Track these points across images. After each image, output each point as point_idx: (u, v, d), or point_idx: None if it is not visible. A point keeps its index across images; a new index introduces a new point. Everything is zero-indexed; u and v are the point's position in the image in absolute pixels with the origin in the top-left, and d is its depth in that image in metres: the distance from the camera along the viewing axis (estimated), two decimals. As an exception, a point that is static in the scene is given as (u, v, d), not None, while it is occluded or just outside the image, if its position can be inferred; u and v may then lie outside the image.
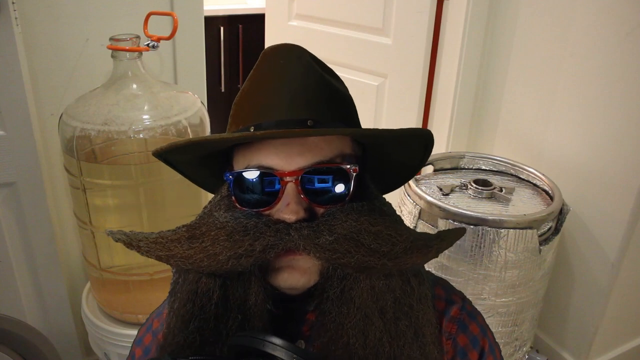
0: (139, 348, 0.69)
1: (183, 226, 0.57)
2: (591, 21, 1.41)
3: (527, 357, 1.54)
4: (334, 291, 0.54)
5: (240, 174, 0.56)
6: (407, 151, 0.62)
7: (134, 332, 1.29)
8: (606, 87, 1.40)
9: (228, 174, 0.57)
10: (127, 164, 1.19)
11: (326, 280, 0.55)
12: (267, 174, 0.55)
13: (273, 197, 0.55)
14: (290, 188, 0.54)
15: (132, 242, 0.57)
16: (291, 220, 0.53)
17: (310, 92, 0.56)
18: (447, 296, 0.65)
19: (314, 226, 0.53)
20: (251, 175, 0.55)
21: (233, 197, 0.57)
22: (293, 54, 0.59)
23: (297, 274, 0.55)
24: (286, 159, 0.54)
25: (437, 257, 0.58)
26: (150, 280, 1.29)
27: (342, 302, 0.53)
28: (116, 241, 0.58)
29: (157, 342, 0.65)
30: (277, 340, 0.43)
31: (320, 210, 0.55)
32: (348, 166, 0.56)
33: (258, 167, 0.55)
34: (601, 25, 1.38)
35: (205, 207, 0.60)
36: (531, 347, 1.59)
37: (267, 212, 0.56)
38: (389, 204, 0.61)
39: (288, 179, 0.53)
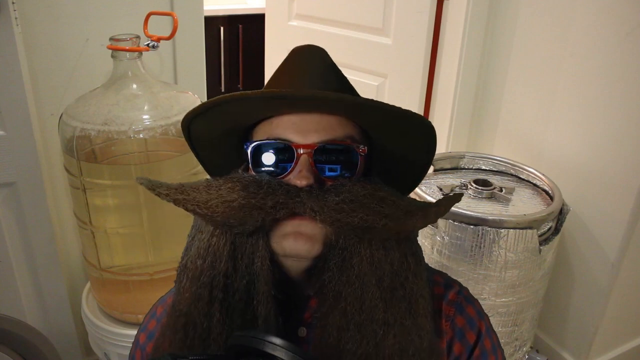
0: (143, 333, 0.72)
1: (204, 179, 0.62)
2: (591, 21, 1.41)
3: (527, 357, 1.54)
4: (335, 261, 0.57)
5: (259, 144, 0.60)
6: (409, 144, 0.64)
7: (133, 332, 1.29)
8: (606, 87, 1.40)
9: (248, 143, 0.61)
10: (127, 164, 1.19)
11: (329, 249, 0.57)
12: (284, 145, 0.59)
13: (287, 166, 0.59)
14: (304, 159, 0.58)
15: (154, 186, 0.61)
16: (302, 185, 0.57)
17: (330, 85, 0.62)
18: (446, 282, 0.69)
19: (322, 190, 0.57)
20: (270, 145, 0.60)
21: (250, 166, 0.61)
22: (317, 52, 0.65)
23: (302, 239, 0.57)
24: (303, 134, 0.59)
25: (435, 221, 0.63)
26: (150, 280, 1.29)
27: (343, 270, 0.57)
28: (140, 184, 0.61)
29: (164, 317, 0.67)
30: (277, 340, 0.43)
31: (329, 183, 0.59)
32: (357, 146, 0.60)
33: (277, 139, 0.60)
34: (601, 25, 1.38)
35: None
36: (531, 347, 1.59)
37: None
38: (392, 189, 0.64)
39: (302, 151, 0.58)
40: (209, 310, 0.57)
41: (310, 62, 0.63)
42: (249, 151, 0.61)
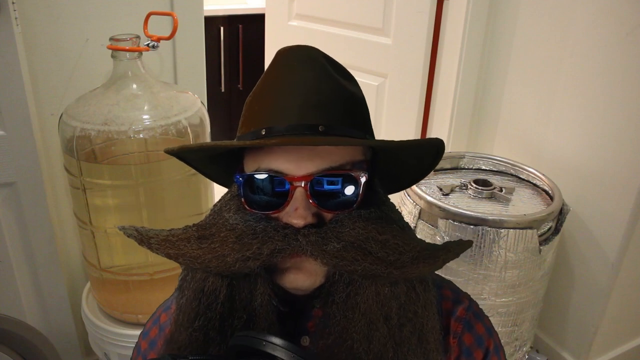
0: (145, 341, 0.70)
1: (193, 225, 0.58)
2: (591, 21, 1.41)
3: (527, 357, 1.54)
4: (339, 295, 0.54)
5: (250, 177, 0.56)
6: (417, 157, 0.62)
7: (133, 332, 1.30)
8: (606, 87, 1.40)
9: (238, 176, 0.57)
10: (127, 164, 1.19)
11: (332, 284, 0.55)
12: (277, 178, 0.55)
13: (282, 200, 0.55)
14: (299, 193, 0.54)
15: (143, 238, 0.57)
16: (299, 225, 0.53)
17: (323, 97, 0.56)
18: (455, 297, 0.66)
19: (322, 233, 0.53)
20: (261, 178, 0.55)
21: (242, 199, 0.57)
22: (306, 55, 0.58)
23: (303, 275, 0.55)
24: (296, 163, 0.54)
25: (442, 267, 0.58)
26: (150, 280, 1.29)
27: (347, 307, 0.54)
28: (128, 237, 0.58)
29: (165, 337, 0.66)
30: (277, 340, 0.43)
31: (329, 215, 0.56)
32: (357, 173, 0.56)
33: (268, 171, 0.55)
34: (601, 25, 1.38)
35: (215, 205, 0.60)
36: (531, 347, 1.59)
37: (275, 215, 0.56)
38: (397, 211, 0.61)
39: (297, 183, 0.54)
40: (206, 352, 0.55)
41: (300, 73, 0.57)
42: (240, 184, 0.57)
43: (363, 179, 0.56)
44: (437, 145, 0.59)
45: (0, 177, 1.23)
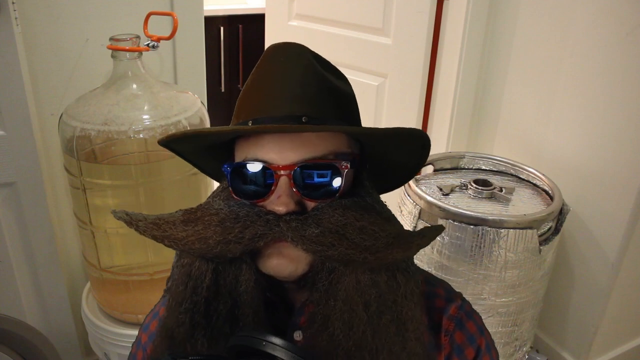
0: (145, 334, 0.71)
1: (180, 210, 0.60)
2: (591, 21, 1.41)
3: (527, 357, 1.54)
4: (322, 284, 0.56)
5: (236, 166, 0.59)
6: (404, 151, 0.63)
7: (134, 332, 1.30)
8: (606, 87, 1.40)
9: (226, 166, 0.59)
10: (127, 164, 1.19)
11: (316, 273, 0.57)
12: (262, 167, 0.57)
13: (267, 189, 0.57)
14: (283, 181, 0.56)
15: (132, 221, 0.60)
16: (281, 212, 0.55)
17: (308, 90, 0.58)
18: (447, 295, 0.67)
19: (302, 219, 0.55)
20: (246, 167, 0.58)
21: (230, 188, 0.60)
22: (294, 52, 0.60)
23: (286, 261, 0.57)
24: (280, 153, 0.56)
25: (417, 252, 0.60)
26: (150, 280, 1.29)
27: (329, 294, 0.56)
28: (117, 219, 0.60)
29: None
30: (277, 340, 0.43)
31: (311, 204, 0.58)
32: (340, 163, 0.57)
33: (254, 160, 0.58)
34: (601, 25, 1.38)
35: (208, 198, 0.63)
36: (531, 347, 1.59)
37: (260, 204, 0.58)
38: (382, 202, 0.63)
39: (281, 172, 0.56)
40: (192, 335, 0.56)
41: (286, 67, 0.59)
42: (227, 173, 0.59)
43: (346, 169, 0.57)
44: (421, 137, 0.60)
45: (0, 177, 1.23)
